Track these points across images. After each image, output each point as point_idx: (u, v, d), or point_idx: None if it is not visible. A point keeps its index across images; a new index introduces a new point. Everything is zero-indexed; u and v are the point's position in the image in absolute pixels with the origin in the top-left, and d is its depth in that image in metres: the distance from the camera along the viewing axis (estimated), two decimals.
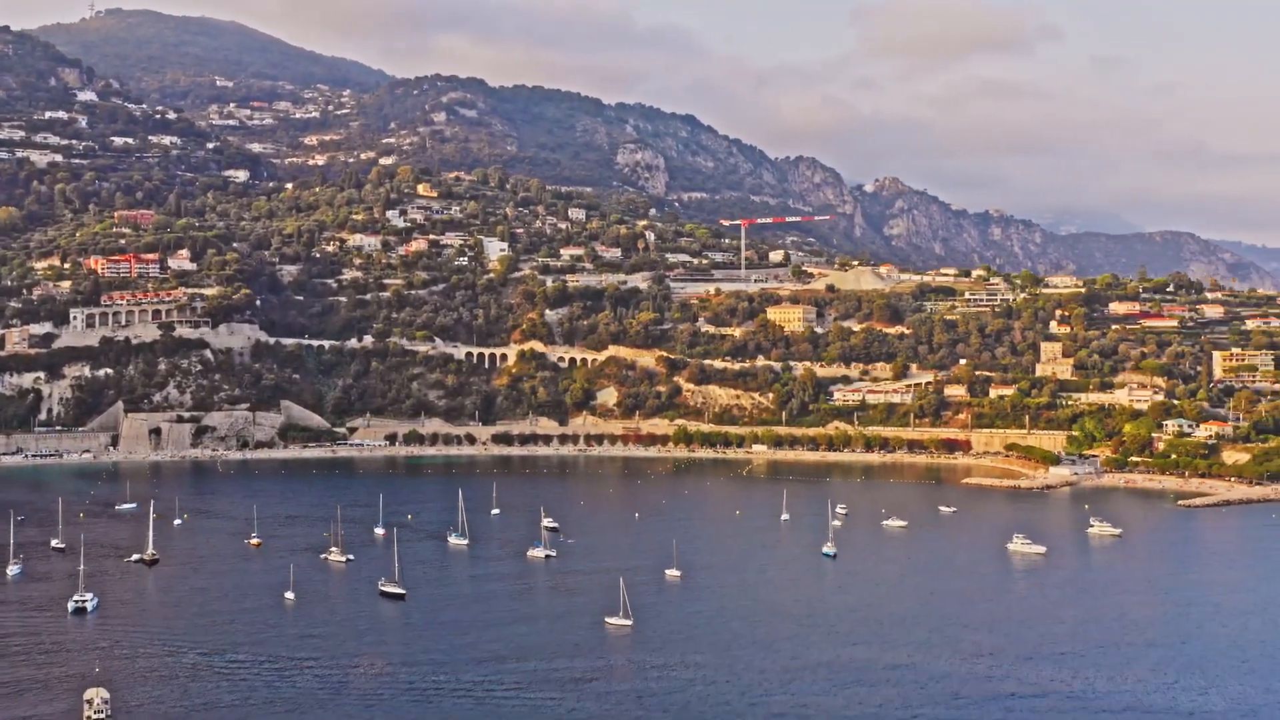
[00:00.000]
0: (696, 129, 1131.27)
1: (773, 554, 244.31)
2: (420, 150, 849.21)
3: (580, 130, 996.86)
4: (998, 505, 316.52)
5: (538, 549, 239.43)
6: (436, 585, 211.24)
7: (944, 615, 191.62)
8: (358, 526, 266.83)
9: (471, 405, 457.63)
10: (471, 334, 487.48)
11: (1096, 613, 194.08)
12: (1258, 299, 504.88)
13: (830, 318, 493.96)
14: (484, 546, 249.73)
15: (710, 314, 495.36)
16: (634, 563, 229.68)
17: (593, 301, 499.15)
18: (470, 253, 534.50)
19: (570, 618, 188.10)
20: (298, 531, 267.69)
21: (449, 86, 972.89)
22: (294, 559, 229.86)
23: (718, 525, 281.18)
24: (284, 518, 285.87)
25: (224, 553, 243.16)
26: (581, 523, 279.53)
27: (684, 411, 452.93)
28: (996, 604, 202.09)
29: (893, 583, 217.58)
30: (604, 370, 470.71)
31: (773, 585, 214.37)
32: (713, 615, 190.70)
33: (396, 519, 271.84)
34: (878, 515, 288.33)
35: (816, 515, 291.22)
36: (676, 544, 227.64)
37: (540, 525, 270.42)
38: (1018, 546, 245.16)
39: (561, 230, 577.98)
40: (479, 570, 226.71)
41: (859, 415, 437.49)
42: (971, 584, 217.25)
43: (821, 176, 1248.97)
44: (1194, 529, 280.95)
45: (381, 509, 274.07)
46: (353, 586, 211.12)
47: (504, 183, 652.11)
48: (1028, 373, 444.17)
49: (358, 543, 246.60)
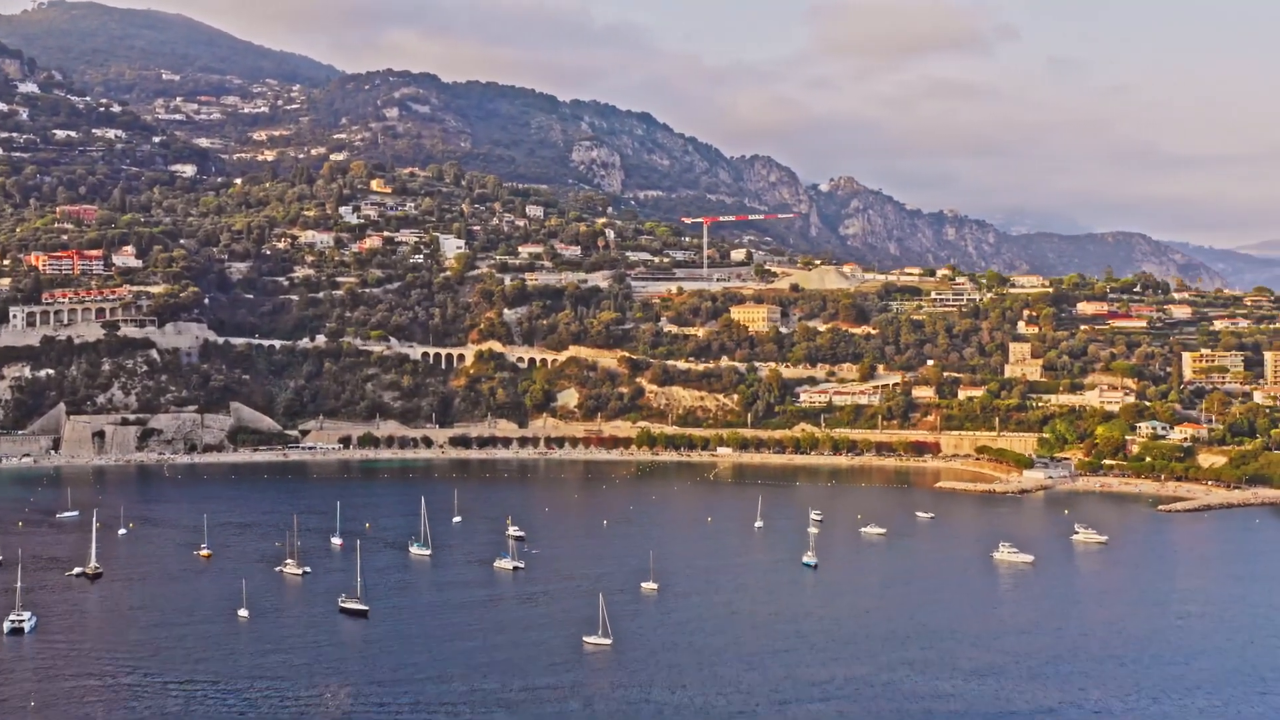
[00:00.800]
0: (652, 127, 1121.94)
1: (751, 564, 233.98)
2: (372, 146, 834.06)
3: (535, 127, 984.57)
4: (975, 511, 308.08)
5: (505, 560, 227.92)
6: (400, 601, 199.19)
7: (936, 629, 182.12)
8: (314, 536, 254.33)
9: (428, 407, 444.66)
10: (428, 334, 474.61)
11: (1094, 626, 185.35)
12: (1224, 299, 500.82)
13: (795, 318, 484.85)
14: (447, 557, 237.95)
15: (673, 313, 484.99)
16: (606, 575, 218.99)
17: (552, 300, 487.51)
18: (426, 250, 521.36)
19: (545, 636, 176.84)
20: (250, 541, 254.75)
21: (401, 82, 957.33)
22: (247, 572, 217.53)
23: (690, 533, 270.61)
24: (235, 526, 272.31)
25: (172, 565, 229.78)
26: (547, 530, 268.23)
27: (647, 413, 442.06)
28: (990, 617, 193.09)
29: (879, 595, 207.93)
30: (564, 371, 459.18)
31: (754, 598, 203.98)
32: (694, 632, 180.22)
33: (354, 527, 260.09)
34: (854, 522, 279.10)
35: (791, 522, 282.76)
36: (653, 555, 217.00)
37: (506, 534, 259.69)
38: (1004, 555, 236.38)
39: (519, 228, 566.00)
40: (444, 583, 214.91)
41: (826, 417, 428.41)
42: (961, 595, 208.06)
43: (777, 175, 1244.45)
44: (1178, 535, 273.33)
45: (339, 517, 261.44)
46: (311, 602, 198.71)
47: (460, 179, 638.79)
48: (996, 374, 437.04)
49: (314, 553, 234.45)
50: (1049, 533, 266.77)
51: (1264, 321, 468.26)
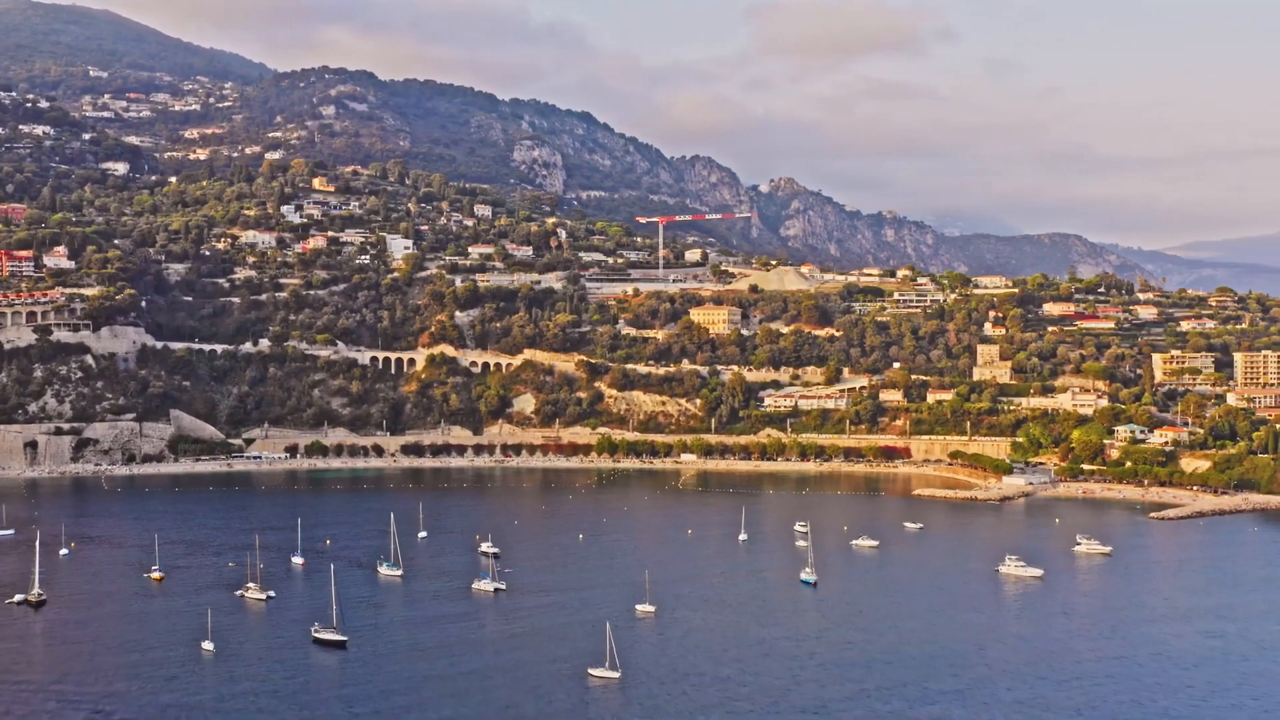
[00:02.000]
0: (592, 126, 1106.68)
1: (747, 582, 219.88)
2: (309, 144, 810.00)
3: (475, 126, 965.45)
4: (962, 520, 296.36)
5: (484, 581, 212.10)
6: (377, 629, 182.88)
7: (964, 655, 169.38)
8: (271, 554, 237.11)
9: (378, 414, 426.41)
10: (376, 337, 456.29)
11: (1133, 648, 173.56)
12: (1189, 300, 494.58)
13: (756, 319, 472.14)
14: (421, 578, 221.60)
15: (630, 315, 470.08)
16: (595, 596, 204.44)
17: (506, 303, 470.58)
18: (372, 250, 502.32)
19: (544, 668, 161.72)
20: (203, 562, 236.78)
21: (337, 79, 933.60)
22: (206, 596, 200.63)
23: (672, 548, 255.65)
24: (185, 545, 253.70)
25: (122, 590, 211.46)
26: (520, 547, 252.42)
27: (607, 419, 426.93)
28: (1016, 638, 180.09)
29: (889, 615, 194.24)
30: (520, 376, 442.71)
31: (759, 620, 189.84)
32: (702, 660, 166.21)
33: (311, 544, 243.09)
34: (841, 533, 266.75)
35: (775, 534, 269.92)
36: (648, 576, 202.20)
37: (478, 551, 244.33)
38: (1011, 569, 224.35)
39: (468, 228, 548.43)
40: (423, 608, 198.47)
41: (792, 422, 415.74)
42: (976, 614, 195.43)
43: (718, 176, 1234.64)
44: (1180, 545, 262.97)
45: (300, 534, 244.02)
46: (280, 632, 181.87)
47: (404, 177, 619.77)
48: (965, 376, 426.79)
49: (274, 575, 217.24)
50: (1050, 544, 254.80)
51: (1230, 322, 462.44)
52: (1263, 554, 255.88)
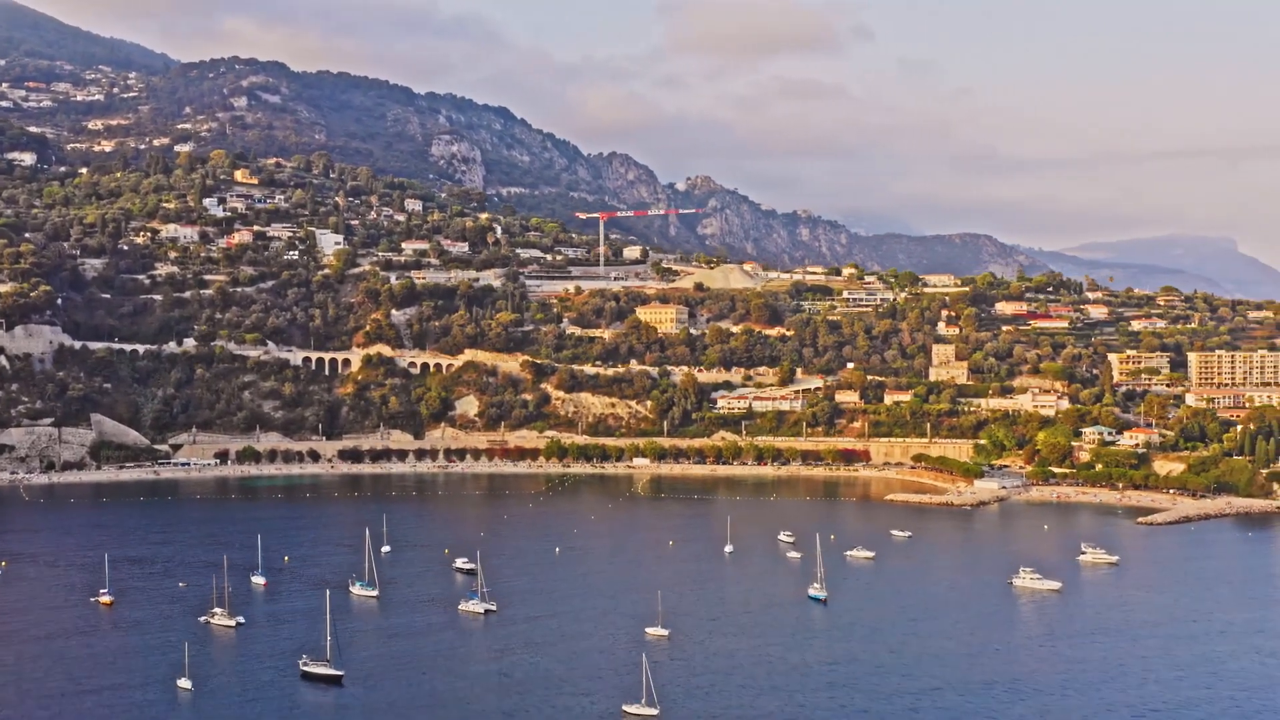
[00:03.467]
0: (510, 122, 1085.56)
1: (752, 599, 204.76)
2: (220, 136, 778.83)
3: (391, 120, 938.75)
4: (947, 527, 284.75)
5: (472, 602, 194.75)
6: (371, 660, 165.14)
7: (1021, 681, 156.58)
8: (219, 572, 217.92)
9: (313, 417, 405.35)
10: (308, 337, 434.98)
11: (1189, 669, 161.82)
12: (1138, 299, 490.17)
13: (703, 318, 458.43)
14: (400, 598, 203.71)
15: (574, 314, 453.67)
16: (596, 617, 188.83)
17: (444, 301, 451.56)
18: (301, 246, 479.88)
19: (571, 704, 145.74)
20: (154, 582, 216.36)
21: (249, 70, 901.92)
22: (163, 622, 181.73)
23: (658, 562, 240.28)
24: (128, 563, 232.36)
25: (69, 617, 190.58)
26: (496, 561, 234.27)
27: (554, 422, 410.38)
28: (1068, 662, 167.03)
29: (917, 637, 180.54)
30: (462, 377, 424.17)
31: (781, 644, 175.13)
32: (739, 692, 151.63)
33: (268, 561, 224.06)
34: (830, 543, 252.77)
35: (761, 544, 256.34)
36: (661, 596, 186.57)
37: (454, 567, 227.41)
38: (1026, 582, 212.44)
39: (400, 223, 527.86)
40: (411, 634, 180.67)
41: (746, 424, 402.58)
42: (1010, 634, 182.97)
43: (635, 174, 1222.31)
44: (1187, 553, 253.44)
45: (260, 551, 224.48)
46: (261, 664, 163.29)
47: (329, 170, 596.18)
48: (921, 377, 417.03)
49: (235, 597, 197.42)
50: (1052, 553, 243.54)
51: (1179, 321, 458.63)
52: (1270, 563, 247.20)
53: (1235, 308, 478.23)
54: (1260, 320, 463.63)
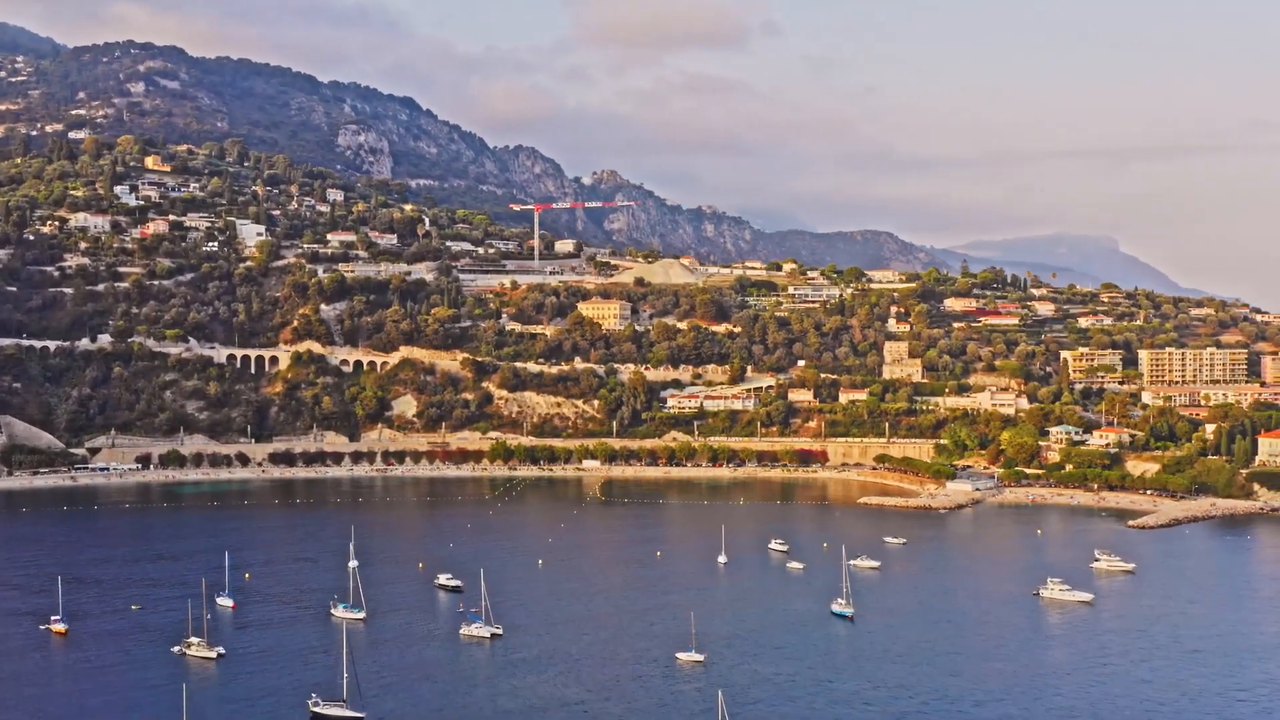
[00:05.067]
0: (415, 113, 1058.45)
1: (773, 617, 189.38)
2: (117, 123, 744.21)
3: (296, 109, 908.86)
4: (937, 532, 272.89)
5: (475, 625, 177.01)
6: (387, 696, 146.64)
7: (1099, 710, 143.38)
8: (185, 594, 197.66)
9: (241, 418, 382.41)
10: (232, 333, 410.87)
11: (1266, 688, 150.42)
12: (1083, 296, 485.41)
13: (646, 314, 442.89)
14: (389, 621, 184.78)
15: (513, 310, 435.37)
16: (614, 640, 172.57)
17: (376, 295, 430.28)
18: (221, 237, 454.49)
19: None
20: (105, 605, 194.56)
21: (145, 54, 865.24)
22: (128, 653, 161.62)
23: (652, 574, 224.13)
24: (71, 581, 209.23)
25: (18, 649, 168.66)
26: (478, 576, 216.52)
27: (498, 423, 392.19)
28: (1131, 686, 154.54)
29: (963, 658, 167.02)
30: (398, 375, 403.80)
31: (825, 668, 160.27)
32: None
33: (220, 577, 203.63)
34: (823, 551, 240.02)
35: (753, 554, 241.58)
36: (694, 618, 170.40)
37: (436, 583, 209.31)
38: (1055, 593, 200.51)
39: (323, 213, 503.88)
40: (419, 666, 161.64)
41: (699, 424, 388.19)
42: (1055, 653, 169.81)
43: (542, 167, 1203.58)
44: (1200, 558, 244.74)
45: (227, 568, 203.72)
46: (259, 706, 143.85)
47: (244, 157, 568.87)
48: (874, 375, 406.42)
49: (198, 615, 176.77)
50: (1061, 559, 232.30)
51: (1125, 318, 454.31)
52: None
53: (1177, 304, 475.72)
54: (1203, 317, 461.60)
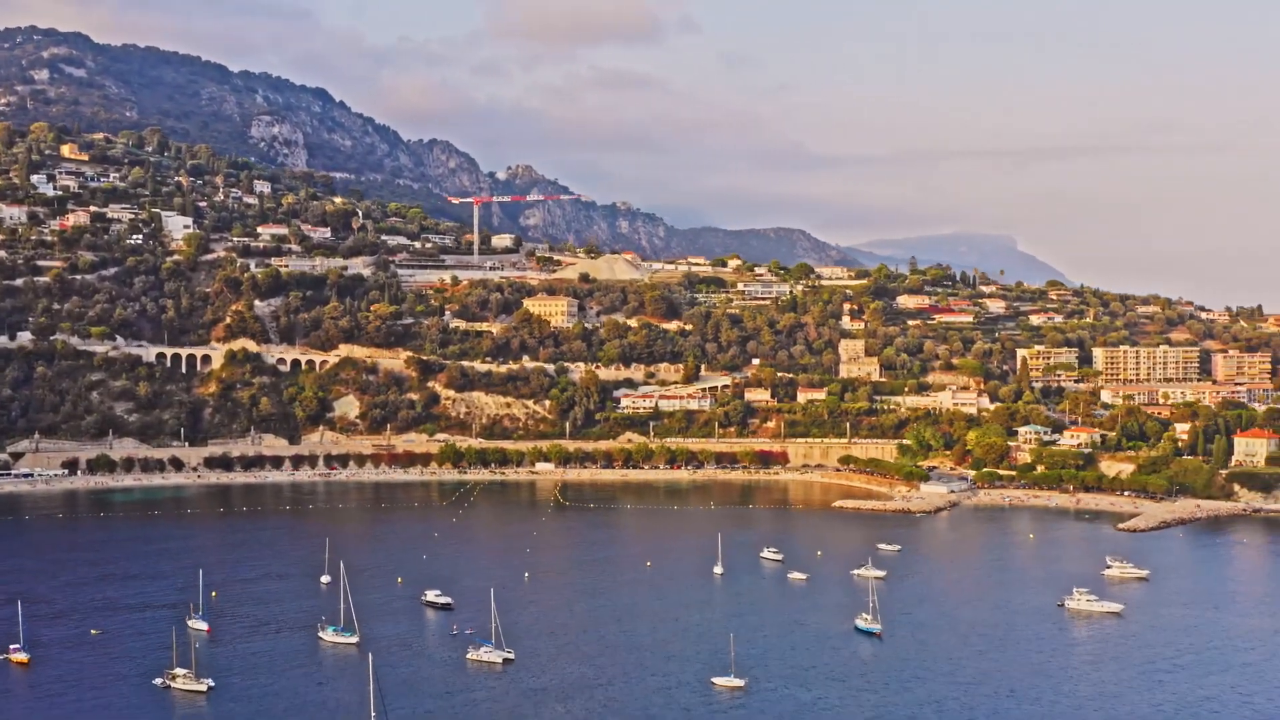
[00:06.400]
0: (329, 104, 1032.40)
1: (796, 635, 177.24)
2: (20, 111, 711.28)
3: (207, 99, 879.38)
4: (926, 537, 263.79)
5: (485, 649, 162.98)
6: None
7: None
8: (149, 616, 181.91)
9: (173, 421, 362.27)
10: (161, 330, 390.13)
11: None
12: (1032, 294, 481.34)
13: (593, 311, 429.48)
14: (386, 646, 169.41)
15: (457, 306, 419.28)
16: (637, 662, 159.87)
17: (312, 291, 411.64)
18: (146, 229, 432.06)
19: None
20: (65, 631, 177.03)
21: (49, 40, 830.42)
22: (113, 692, 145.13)
23: (648, 586, 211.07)
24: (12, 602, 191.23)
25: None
26: (464, 591, 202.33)
27: (446, 424, 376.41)
28: (1201, 700, 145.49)
29: (1008, 675, 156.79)
30: (339, 375, 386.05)
31: (873, 692, 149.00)
32: None
33: (187, 597, 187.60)
34: (817, 560, 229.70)
35: (747, 563, 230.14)
36: (734, 639, 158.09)
37: (424, 600, 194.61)
38: (1081, 604, 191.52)
39: (251, 205, 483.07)
40: (435, 696, 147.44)
41: (654, 425, 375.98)
42: (1115, 672, 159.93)
43: (457, 162, 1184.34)
44: (1210, 564, 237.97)
45: (201, 588, 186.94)
46: None
47: (165, 147, 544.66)
48: (831, 373, 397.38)
49: (168, 644, 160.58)
50: (1068, 566, 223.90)
51: (1075, 316, 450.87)
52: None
53: (1125, 302, 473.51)
54: (1150, 315, 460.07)
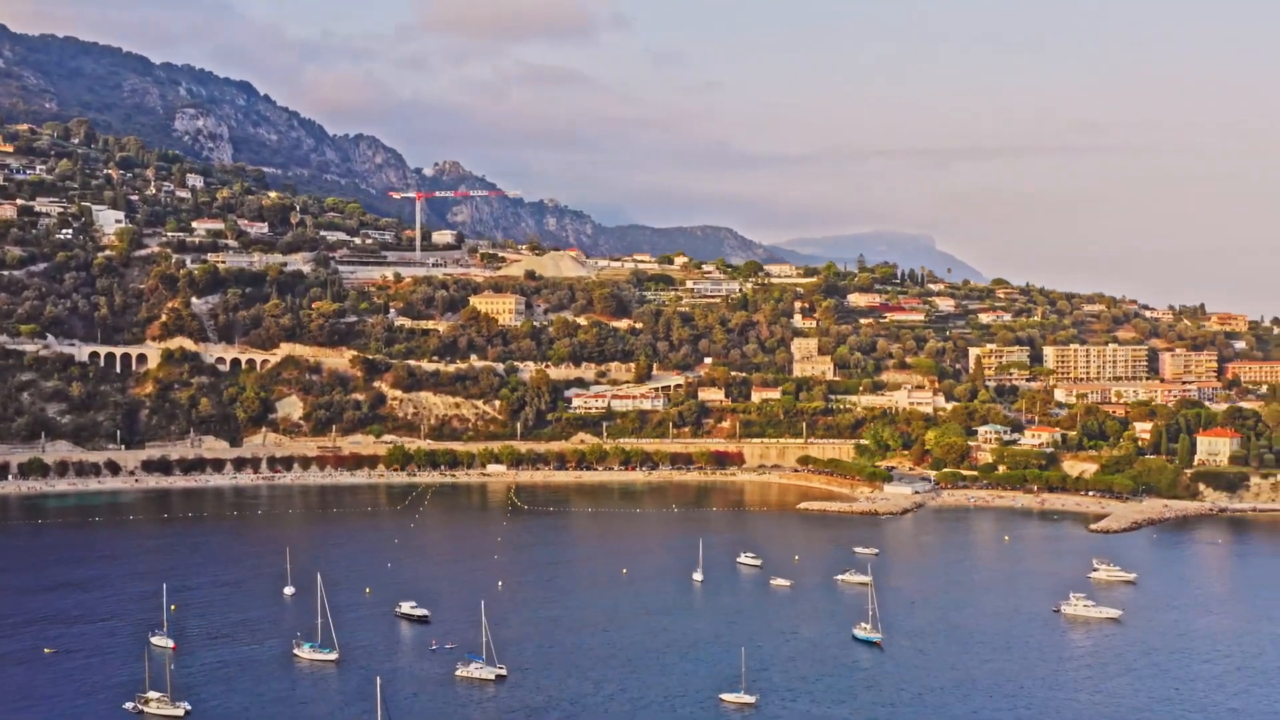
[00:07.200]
0: (254, 98, 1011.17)
1: (799, 648, 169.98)
2: None
3: (129, 91, 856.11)
4: (902, 540, 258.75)
5: (476, 665, 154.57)
6: None
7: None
8: (106, 631, 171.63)
9: (109, 423, 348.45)
10: (94, 328, 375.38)
11: None
12: (980, 292, 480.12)
13: (540, 308, 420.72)
14: (369, 665, 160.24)
15: (402, 304, 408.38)
16: (634, 676, 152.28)
17: (251, 288, 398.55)
18: (76, 224, 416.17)
19: None
20: (10, 647, 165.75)
21: None
22: (74, 716, 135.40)
23: (628, 595, 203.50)
24: None
25: None
26: (438, 602, 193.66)
27: (393, 425, 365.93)
28: (1229, 713, 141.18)
29: (1021, 685, 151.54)
30: (281, 375, 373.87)
31: (880, 704, 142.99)
32: None
33: (141, 610, 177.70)
34: (794, 565, 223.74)
35: (724, 569, 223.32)
36: (745, 654, 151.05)
37: (398, 613, 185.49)
38: (1078, 610, 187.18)
39: (185, 199, 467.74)
40: (430, 717, 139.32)
41: (607, 425, 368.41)
42: (1119, 678, 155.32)
43: (383, 157, 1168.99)
44: (1193, 565, 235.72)
45: (165, 602, 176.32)
46: None
47: (92, 139, 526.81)
48: (784, 372, 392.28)
49: (141, 667, 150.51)
50: (1062, 569, 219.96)
51: (1023, 314, 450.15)
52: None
53: (1071, 300, 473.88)
54: (1096, 314, 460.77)
